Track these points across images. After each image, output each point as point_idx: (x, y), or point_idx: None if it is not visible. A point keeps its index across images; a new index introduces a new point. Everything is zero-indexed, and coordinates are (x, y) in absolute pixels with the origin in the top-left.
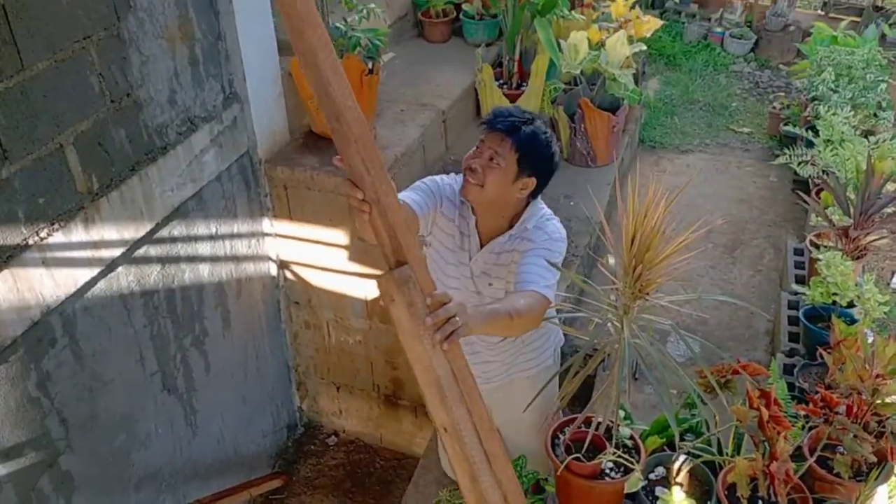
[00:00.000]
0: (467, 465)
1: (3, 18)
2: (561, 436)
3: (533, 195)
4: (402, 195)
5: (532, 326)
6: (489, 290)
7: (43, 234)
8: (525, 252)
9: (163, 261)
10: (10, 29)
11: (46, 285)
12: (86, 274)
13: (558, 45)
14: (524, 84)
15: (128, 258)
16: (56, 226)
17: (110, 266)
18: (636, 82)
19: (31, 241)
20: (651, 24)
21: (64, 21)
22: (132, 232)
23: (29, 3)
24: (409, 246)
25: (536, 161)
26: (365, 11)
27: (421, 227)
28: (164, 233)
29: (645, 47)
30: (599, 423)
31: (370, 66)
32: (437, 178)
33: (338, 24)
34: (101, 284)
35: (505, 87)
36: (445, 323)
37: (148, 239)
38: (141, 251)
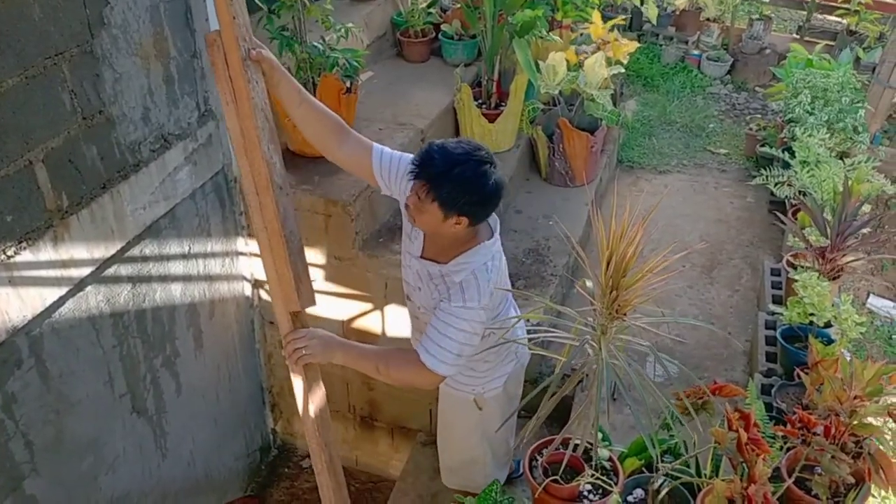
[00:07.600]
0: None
1: None
2: (539, 457)
3: (473, 224)
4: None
5: (405, 385)
6: (417, 296)
7: (10, 253)
8: (440, 308)
9: (133, 280)
10: None
11: (13, 305)
12: (54, 293)
13: (537, 65)
14: (503, 104)
15: (97, 277)
16: (24, 244)
17: (79, 285)
18: (614, 103)
19: None
20: (629, 46)
21: (35, 37)
22: (102, 251)
23: None
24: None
25: (462, 204)
26: (343, 31)
27: (381, 186)
28: (135, 251)
29: (623, 69)
30: (577, 445)
31: (348, 85)
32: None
33: (316, 44)
34: (69, 304)
35: (483, 106)
36: (296, 348)
37: (118, 258)
38: (111, 270)
